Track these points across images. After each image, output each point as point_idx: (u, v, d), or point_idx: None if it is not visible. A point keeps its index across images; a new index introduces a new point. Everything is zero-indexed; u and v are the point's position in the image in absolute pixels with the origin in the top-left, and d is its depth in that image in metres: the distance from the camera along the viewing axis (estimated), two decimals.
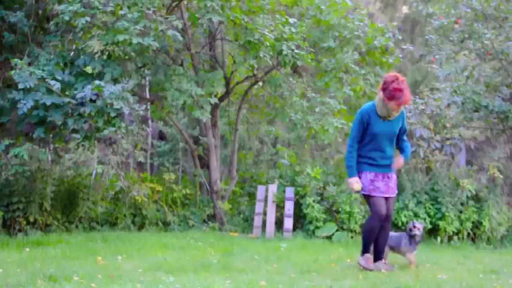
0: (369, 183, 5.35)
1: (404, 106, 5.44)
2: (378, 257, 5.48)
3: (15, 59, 6.97)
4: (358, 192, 5.42)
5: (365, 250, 5.44)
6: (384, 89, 5.22)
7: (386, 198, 5.39)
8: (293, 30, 8.75)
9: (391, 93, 5.14)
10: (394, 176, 5.50)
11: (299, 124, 9.14)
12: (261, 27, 8.38)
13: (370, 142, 5.36)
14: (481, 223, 8.59)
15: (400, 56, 10.17)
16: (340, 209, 8.57)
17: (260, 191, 9.07)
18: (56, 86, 6.94)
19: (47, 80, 6.91)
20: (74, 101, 7.01)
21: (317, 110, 9.18)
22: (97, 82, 6.90)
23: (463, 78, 9.61)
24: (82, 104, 6.98)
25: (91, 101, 6.96)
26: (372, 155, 5.37)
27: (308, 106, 9.43)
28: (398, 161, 5.52)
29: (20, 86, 6.81)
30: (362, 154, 5.41)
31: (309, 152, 12.11)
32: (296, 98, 9.55)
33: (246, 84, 10.13)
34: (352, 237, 8.40)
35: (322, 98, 9.29)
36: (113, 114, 7.05)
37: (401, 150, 5.62)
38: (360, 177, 5.37)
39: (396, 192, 5.56)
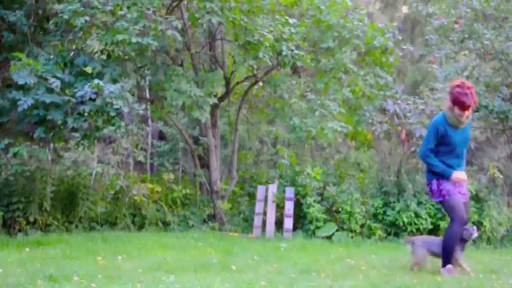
0: (453, 188, 5.34)
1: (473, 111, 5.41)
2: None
3: (16, 53, 6.96)
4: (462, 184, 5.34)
5: (447, 261, 5.33)
6: (450, 96, 5.33)
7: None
8: (292, 30, 8.73)
9: (455, 98, 5.23)
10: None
11: (298, 128, 9.05)
12: (261, 28, 8.36)
13: (449, 152, 5.36)
14: (481, 223, 8.59)
15: (400, 55, 10.15)
16: (340, 209, 8.56)
17: (260, 191, 9.06)
18: (55, 83, 6.93)
19: (46, 77, 6.91)
20: (73, 100, 7.02)
21: (316, 113, 9.08)
22: (96, 81, 6.90)
23: (463, 78, 9.60)
24: (82, 102, 6.99)
25: (91, 99, 6.96)
26: (451, 163, 5.36)
27: (307, 107, 9.36)
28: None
29: (20, 81, 6.80)
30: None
31: (309, 152, 12.08)
32: (295, 99, 9.49)
33: (246, 84, 10.12)
34: (352, 237, 8.40)
35: (322, 100, 9.24)
36: (112, 113, 7.06)
37: None
38: (440, 186, 5.36)
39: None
